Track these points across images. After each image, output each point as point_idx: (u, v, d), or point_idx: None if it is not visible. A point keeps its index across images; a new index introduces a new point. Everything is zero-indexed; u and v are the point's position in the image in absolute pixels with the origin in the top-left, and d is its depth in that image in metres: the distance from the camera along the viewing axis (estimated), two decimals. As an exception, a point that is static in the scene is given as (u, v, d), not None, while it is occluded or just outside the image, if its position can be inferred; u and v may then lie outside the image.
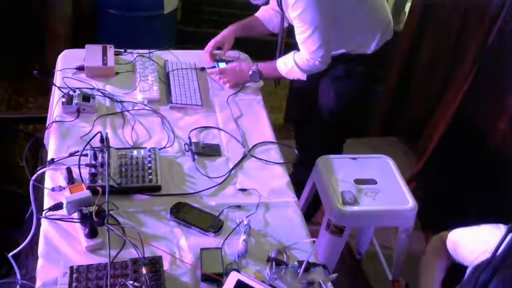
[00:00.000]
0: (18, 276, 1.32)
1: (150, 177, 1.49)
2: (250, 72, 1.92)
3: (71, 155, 1.50)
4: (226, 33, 2.08)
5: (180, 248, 1.33)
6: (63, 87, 1.79)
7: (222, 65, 2.09)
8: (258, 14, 2.12)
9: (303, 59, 1.82)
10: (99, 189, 1.33)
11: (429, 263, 1.48)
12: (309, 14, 1.69)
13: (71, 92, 1.73)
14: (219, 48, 2.12)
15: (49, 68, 1.99)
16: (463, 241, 1.39)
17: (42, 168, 1.48)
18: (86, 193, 1.28)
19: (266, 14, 2.09)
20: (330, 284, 1.29)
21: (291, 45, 1.91)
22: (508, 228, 1.01)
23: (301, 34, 1.76)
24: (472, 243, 1.34)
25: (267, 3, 2.00)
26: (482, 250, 1.23)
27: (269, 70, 1.93)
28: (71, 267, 1.20)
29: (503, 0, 2.21)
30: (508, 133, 2.23)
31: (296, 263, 1.31)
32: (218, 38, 2.09)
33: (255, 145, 1.72)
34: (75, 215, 1.29)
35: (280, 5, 1.85)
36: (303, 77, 1.86)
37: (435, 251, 1.48)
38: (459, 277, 1.32)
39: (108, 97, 1.82)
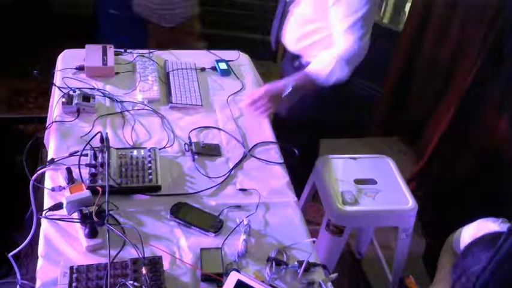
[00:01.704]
0: (18, 276, 1.32)
1: (150, 177, 1.49)
2: (286, 94, 1.69)
3: (71, 155, 1.50)
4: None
5: (180, 248, 1.33)
6: (63, 87, 1.79)
7: (222, 65, 2.09)
8: None
9: (344, 49, 1.63)
10: (99, 189, 1.33)
11: (441, 263, 1.49)
12: None
13: (71, 92, 1.73)
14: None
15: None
16: (463, 237, 1.40)
17: (42, 168, 1.48)
18: (86, 193, 1.28)
19: None
20: (330, 284, 1.29)
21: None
22: (508, 230, 1.01)
23: (348, 17, 1.59)
24: (470, 237, 1.34)
25: None
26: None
27: (305, 81, 1.70)
28: (71, 267, 1.20)
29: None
30: (508, 133, 2.23)
31: (296, 263, 1.31)
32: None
33: (255, 145, 1.72)
34: (75, 215, 1.29)
35: None
36: (345, 74, 1.68)
37: (446, 251, 1.49)
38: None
39: (108, 97, 1.82)
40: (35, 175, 1.41)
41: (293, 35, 1.85)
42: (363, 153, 2.02)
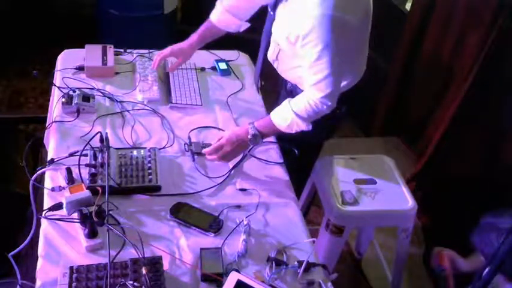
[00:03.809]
0: (18, 276, 1.32)
1: (150, 177, 1.49)
2: (250, 137, 1.57)
3: (71, 155, 1.50)
4: (183, 46, 1.84)
5: (180, 248, 1.33)
6: (63, 87, 1.79)
7: (222, 65, 2.09)
8: (213, 18, 1.82)
9: (308, 104, 1.50)
10: (99, 189, 1.33)
11: None
12: (329, 51, 1.39)
13: (71, 92, 1.73)
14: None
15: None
16: None
17: (42, 168, 1.48)
18: (85, 193, 1.28)
19: (222, 18, 1.80)
20: (329, 284, 1.29)
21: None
22: (509, 229, 1.01)
23: (315, 74, 1.45)
24: None
25: None
26: None
27: (268, 127, 1.59)
28: (71, 267, 1.20)
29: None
30: (508, 132, 2.23)
31: (296, 263, 1.31)
32: (174, 48, 1.84)
33: (255, 145, 1.72)
34: (75, 215, 1.29)
35: (273, 7, 1.56)
36: (307, 127, 1.55)
37: None
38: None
39: (108, 97, 1.82)
40: (35, 175, 1.41)
41: (283, 66, 1.76)
42: (363, 153, 2.02)
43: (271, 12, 1.60)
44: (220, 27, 1.83)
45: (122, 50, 2.07)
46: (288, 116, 1.54)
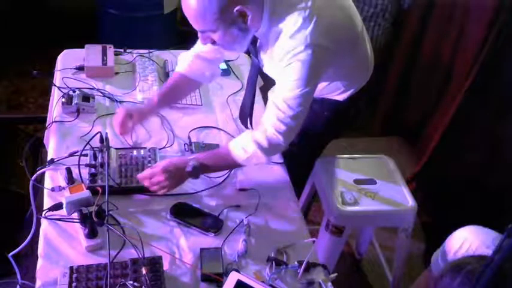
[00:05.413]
0: (18, 276, 1.32)
1: (150, 177, 1.49)
2: (189, 169, 1.41)
3: (71, 155, 1.50)
4: (142, 107, 1.64)
5: (180, 248, 1.33)
6: (63, 87, 1.79)
7: (222, 65, 2.08)
8: (182, 69, 1.63)
9: (268, 132, 1.40)
10: (99, 189, 1.33)
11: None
12: (303, 80, 1.33)
13: (71, 92, 1.73)
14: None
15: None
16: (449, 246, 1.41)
17: (42, 168, 1.48)
18: (85, 193, 1.28)
19: (194, 66, 1.62)
20: (330, 284, 1.29)
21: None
22: (507, 231, 1.00)
23: (287, 92, 1.37)
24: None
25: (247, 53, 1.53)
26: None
27: (216, 159, 1.47)
28: (71, 267, 1.20)
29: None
30: (508, 132, 2.23)
31: (296, 263, 1.31)
32: (131, 108, 1.58)
33: (255, 145, 1.71)
34: (75, 215, 1.29)
35: (255, 54, 1.49)
36: (266, 161, 1.46)
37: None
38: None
39: (108, 97, 1.82)
40: (35, 175, 1.41)
41: None
42: (363, 153, 2.02)
43: (256, 60, 1.53)
44: (191, 77, 1.64)
45: (122, 50, 2.07)
46: (249, 147, 1.42)
